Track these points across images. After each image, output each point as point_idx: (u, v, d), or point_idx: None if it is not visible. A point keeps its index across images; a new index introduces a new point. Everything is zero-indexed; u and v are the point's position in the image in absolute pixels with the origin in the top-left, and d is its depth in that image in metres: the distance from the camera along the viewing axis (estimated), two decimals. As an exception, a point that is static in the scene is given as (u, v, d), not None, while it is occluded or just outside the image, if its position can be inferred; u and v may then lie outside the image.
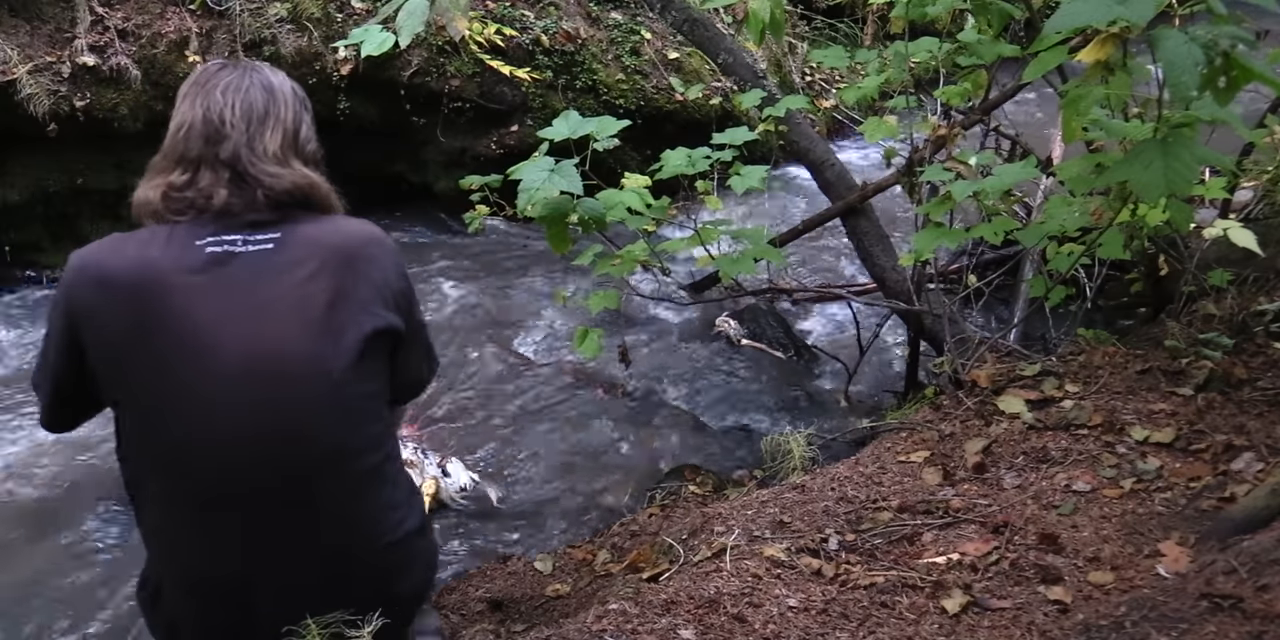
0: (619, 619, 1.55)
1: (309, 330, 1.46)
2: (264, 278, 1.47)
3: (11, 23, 3.61)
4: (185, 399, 1.45)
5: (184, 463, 1.47)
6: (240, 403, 1.45)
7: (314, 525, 1.51)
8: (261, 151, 1.53)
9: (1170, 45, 1.54)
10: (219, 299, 1.45)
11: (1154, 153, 1.73)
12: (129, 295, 1.46)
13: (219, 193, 1.50)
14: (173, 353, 1.44)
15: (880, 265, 2.82)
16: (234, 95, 1.54)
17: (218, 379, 1.44)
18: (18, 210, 3.78)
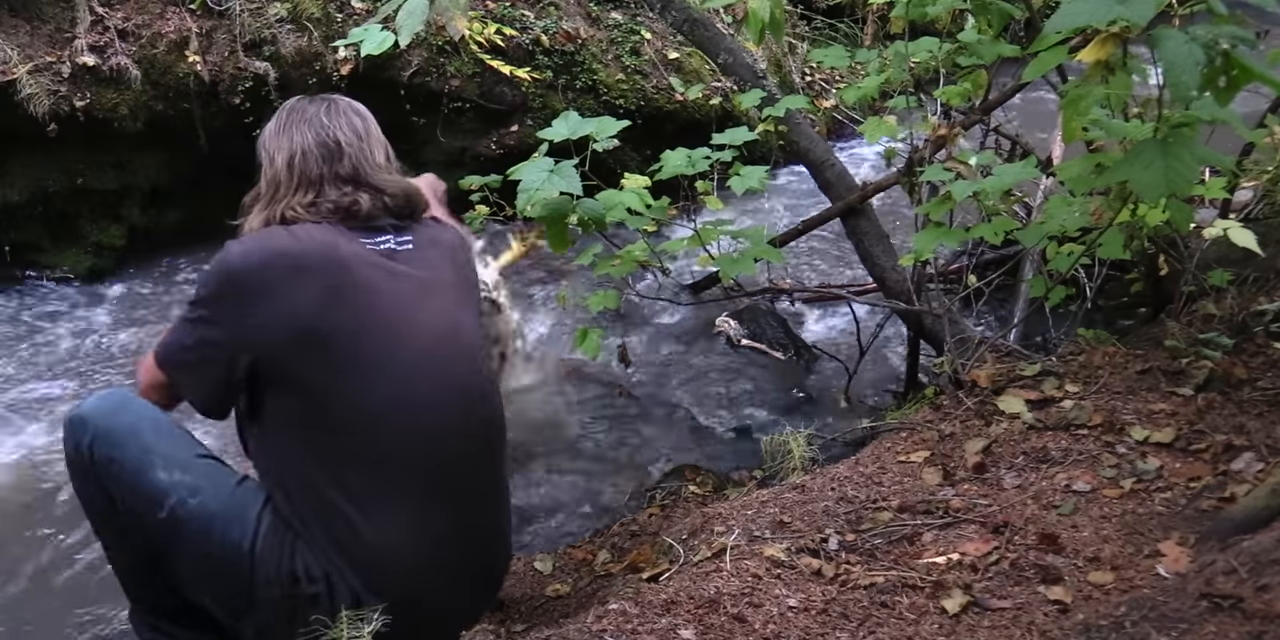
0: (619, 619, 1.55)
1: (465, 310, 1.72)
2: (419, 269, 1.67)
3: (11, 23, 3.61)
4: (386, 365, 1.58)
5: (388, 427, 1.58)
6: (435, 369, 1.62)
7: (495, 497, 1.73)
8: (375, 163, 1.73)
9: (1171, 45, 1.54)
10: (395, 282, 1.63)
11: (1154, 153, 1.73)
12: (321, 275, 1.58)
13: (362, 198, 1.67)
14: (365, 323, 1.58)
15: (880, 265, 2.82)
16: (337, 119, 1.73)
17: (413, 348, 1.60)
18: (18, 210, 3.77)
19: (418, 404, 1.59)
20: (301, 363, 1.55)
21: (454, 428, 1.62)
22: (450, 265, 1.74)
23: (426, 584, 1.63)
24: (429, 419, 1.60)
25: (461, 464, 1.64)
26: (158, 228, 4.14)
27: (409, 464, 1.59)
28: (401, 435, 1.58)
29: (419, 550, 1.61)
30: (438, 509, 1.62)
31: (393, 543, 1.59)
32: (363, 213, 1.65)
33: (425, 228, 1.76)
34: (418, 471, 1.60)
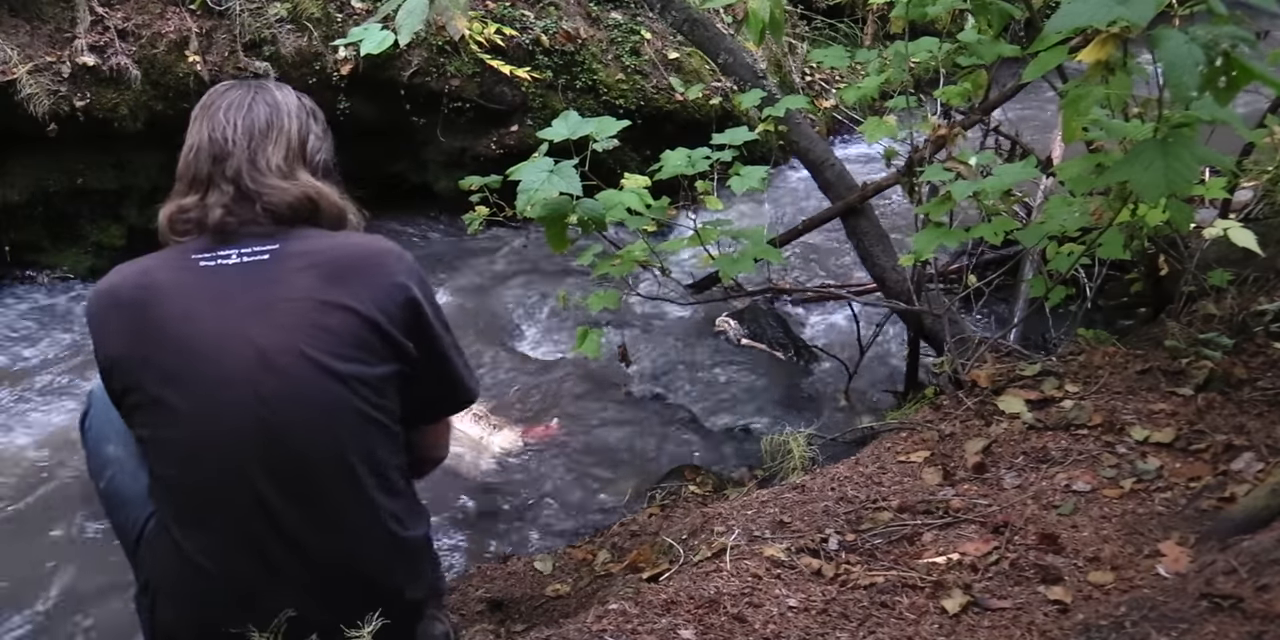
0: (619, 619, 1.55)
1: (301, 334, 1.47)
2: (256, 285, 1.50)
3: (11, 23, 3.61)
4: (186, 399, 1.48)
5: (187, 461, 1.49)
6: (238, 399, 1.46)
7: (312, 526, 1.51)
8: (264, 166, 1.55)
9: (1171, 45, 1.54)
10: (211, 306, 1.49)
11: (1154, 153, 1.73)
12: (130, 309, 1.51)
13: (215, 212, 1.52)
14: (170, 358, 1.48)
15: (880, 265, 2.82)
16: (236, 113, 1.57)
17: (214, 378, 1.47)
18: (18, 210, 3.77)
19: (217, 436, 1.47)
20: (121, 394, 1.54)
21: (260, 458, 1.47)
22: (317, 278, 1.50)
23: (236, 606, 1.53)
24: (229, 450, 1.47)
25: (275, 495, 1.48)
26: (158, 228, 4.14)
27: (207, 500, 1.50)
28: (203, 465, 1.49)
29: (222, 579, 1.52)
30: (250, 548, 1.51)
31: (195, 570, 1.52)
32: (212, 226, 1.54)
33: (310, 239, 1.56)
34: (221, 503, 1.50)
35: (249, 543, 1.50)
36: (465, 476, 2.85)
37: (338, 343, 1.48)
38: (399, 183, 4.57)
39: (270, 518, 1.49)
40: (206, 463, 1.48)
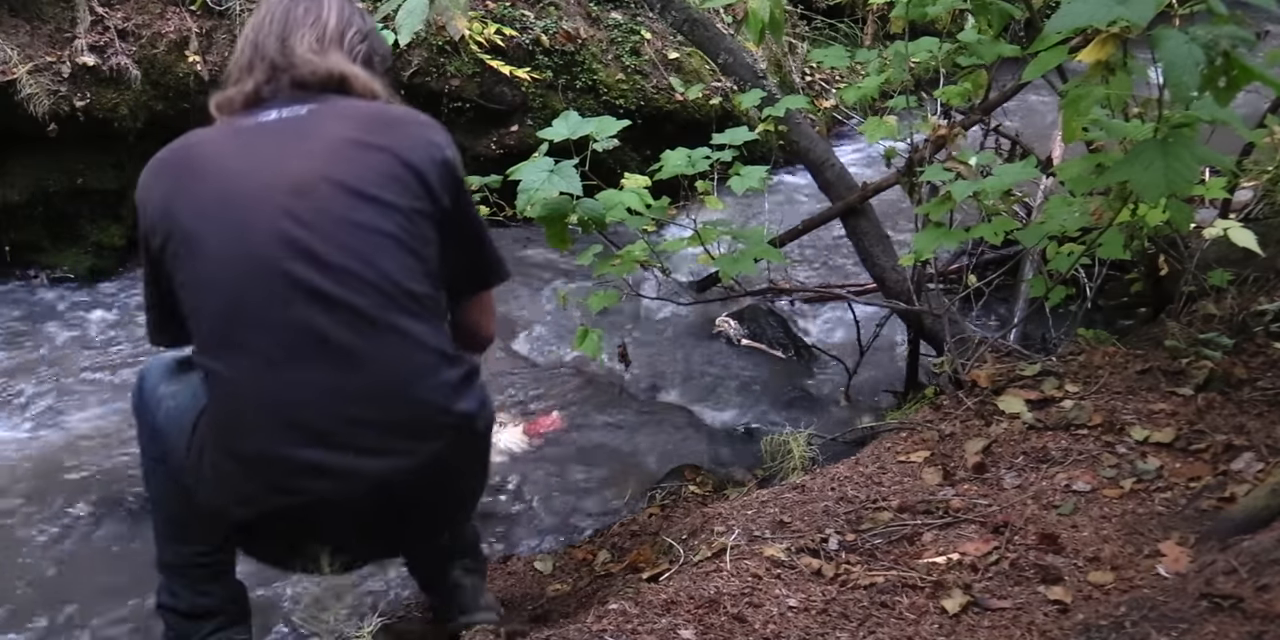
0: (619, 619, 1.55)
1: (335, 163, 1.51)
2: (292, 132, 1.55)
3: (11, 23, 3.61)
4: (218, 224, 1.49)
5: (221, 283, 1.49)
6: (268, 217, 1.48)
7: (353, 334, 1.48)
8: (295, 44, 1.60)
9: (1171, 45, 1.54)
10: (247, 149, 1.54)
11: (1154, 153, 1.73)
12: (171, 164, 1.57)
13: (249, 85, 1.59)
14: (205, 192, 1.51)
15: (880, 265, 2.82)
16: (277, 8, 1.63)
17: (245, 202, 1.49)
18: (18, 210, 3.77)
19: (247, 252, 1.47)
20: (160, 249, 1.53)
21: (290, 274, 1.46)
22: (354, 127, 1.53)
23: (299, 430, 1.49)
24: (261, 264, 1.47)
25: (312, 308, 1.47)
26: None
27: (249, 314, 1.49)
28: (237, 284, 1.48)
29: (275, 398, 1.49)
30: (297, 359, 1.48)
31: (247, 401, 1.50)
32: (247, 95, 1.59)
33: (347, 102, 1.59)
34: (260, 320, 1.49)
35: (294, 354, 1.47)
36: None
37: (372, 174, 1.51)
38: (399, 183, 4.57)
39: (310, 329, 1.47)
40: (240, 281, 1.48)
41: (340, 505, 1.52)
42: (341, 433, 1.49)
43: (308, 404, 1.48)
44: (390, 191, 1.51)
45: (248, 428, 1.50)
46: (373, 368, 1.49)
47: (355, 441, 1.49)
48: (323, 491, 1.50)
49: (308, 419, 1.48)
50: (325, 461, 1.48)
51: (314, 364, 1.48)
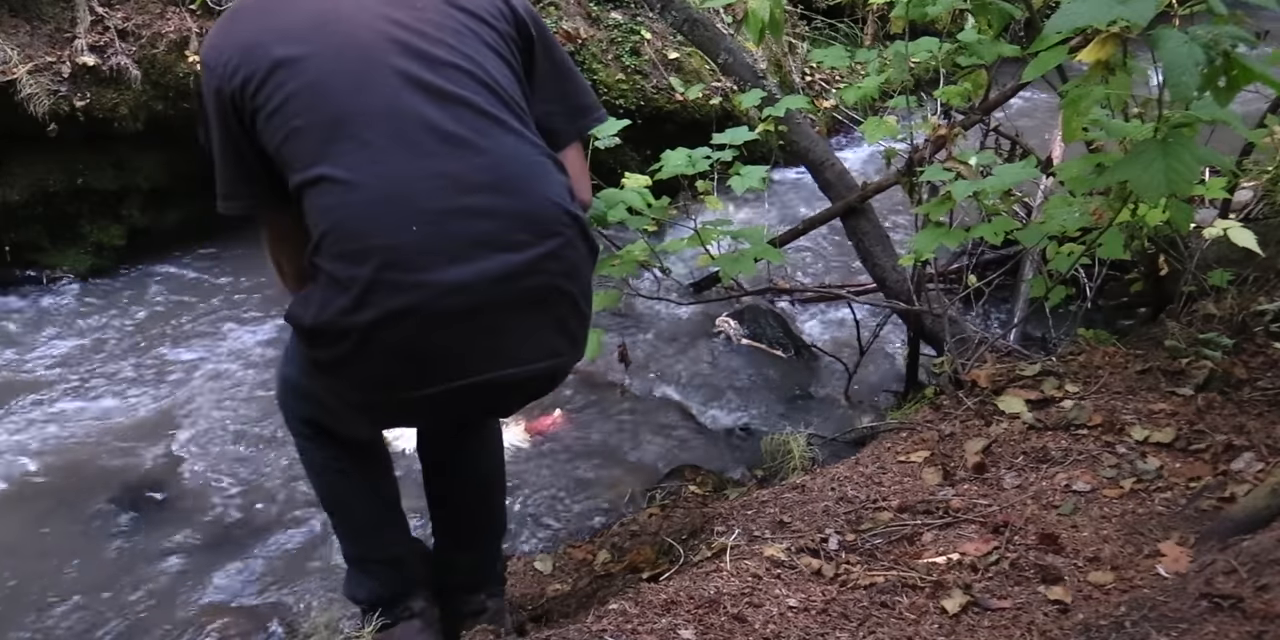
0: (619, 619, 1.55)
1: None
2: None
3: (11, 23, 3.61)
4: (316, 38, 1.48)
5: (324, 91, 1.46)
6: (368, 22, 1.48)
7: (464, 128, 1.48)
8: None
9: (1171, 45, 1.54)
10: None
11: (1154, 153, 1.73)
12: (250, 12, 1.54)
13: None
14: (295, 22, 1.49)
15: (880, 265, 2.82)
16: None
17: (341, 17, 1.49)
18: (18, 210, 3.78)
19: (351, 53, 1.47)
20: (250, 93, 1.48)
21: (396, 67, 1.46)
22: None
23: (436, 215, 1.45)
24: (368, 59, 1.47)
25: (422, 101, 1.46)
26: (158, 228, 4.14)
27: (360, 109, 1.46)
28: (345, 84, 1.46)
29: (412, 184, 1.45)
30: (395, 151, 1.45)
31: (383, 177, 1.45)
32: None
33: None
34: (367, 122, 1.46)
35: (412, 145, 1.45)
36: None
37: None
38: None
39: (426, 121, 1.45)
40: (347, 83, 1.45)
41: (467, 305, 1.45)
42: (464, 222, 1.45)
43: (430, 192, 1.44)
44: (485, 12, 1.55)
45: (370, 223, 1.43)
46: (492, 157, 1.47)
47: (476, 231, 1.45)
48: (449, 282, 1.43)
49: (430, 207, 1.44)
50: (450, 249, 1.44)
51: (432, 153, 1.45)
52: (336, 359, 1.51)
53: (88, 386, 3.26)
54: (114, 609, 2.36)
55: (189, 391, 3.24)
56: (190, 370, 3.38)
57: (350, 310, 1.45)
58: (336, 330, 1.47)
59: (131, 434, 3.03)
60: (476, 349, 1.50)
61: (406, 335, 1.45)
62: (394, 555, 1.85)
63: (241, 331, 3.63)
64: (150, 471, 2.87)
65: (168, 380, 3.31)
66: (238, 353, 3.49)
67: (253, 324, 3.69)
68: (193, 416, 3.12)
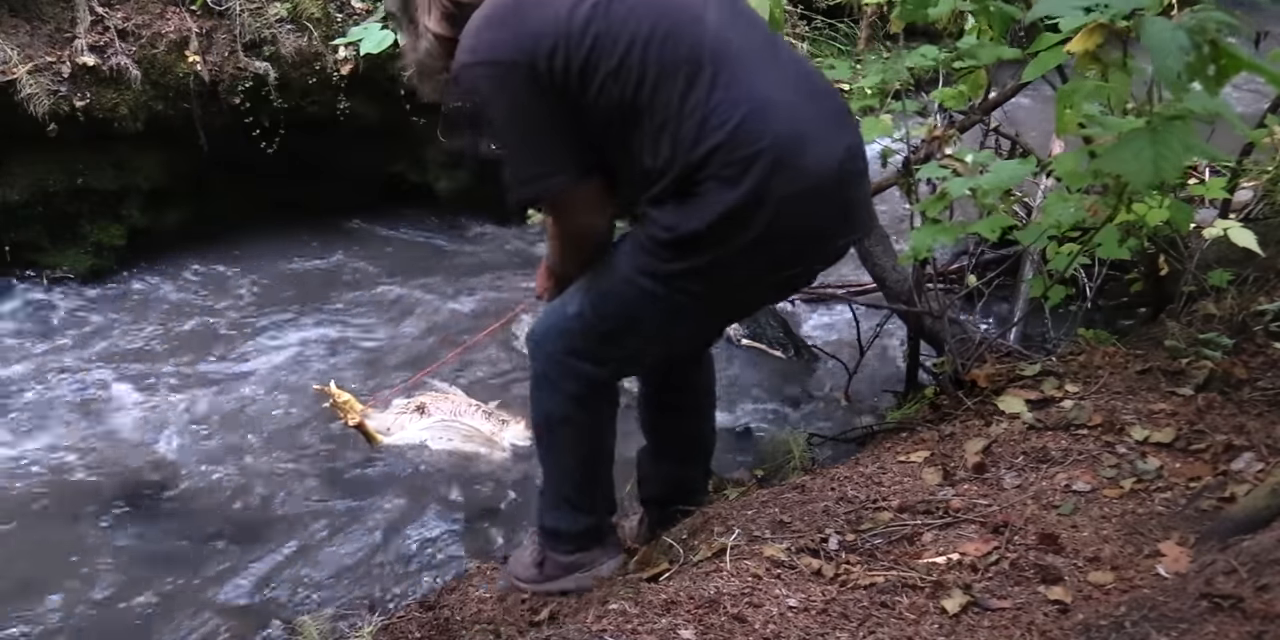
0: (619, 619, 1.55)
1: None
2: None
3: (11, 23, 3.61)
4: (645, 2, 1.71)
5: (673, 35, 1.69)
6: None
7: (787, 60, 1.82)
8: None
9: (1155, 31, 1.55)
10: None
11: (1144, 142, 1.73)
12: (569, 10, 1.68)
13: None
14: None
15: (880, 265, 2.82)
16: None
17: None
18: (18, 210, 3.77)
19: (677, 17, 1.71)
20: (574, 69, 1.66)
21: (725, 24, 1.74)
22: None
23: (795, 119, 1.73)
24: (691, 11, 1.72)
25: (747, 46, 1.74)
26: (158, 228, 4.15)
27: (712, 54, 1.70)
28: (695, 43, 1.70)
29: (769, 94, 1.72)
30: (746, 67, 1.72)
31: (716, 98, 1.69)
32: None
33: None
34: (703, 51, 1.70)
35: (765, 62, 1.75)
36: (475, 473, 2.85)
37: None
38: (399, 183, 4.57)
39: (764, 49, 1.77)
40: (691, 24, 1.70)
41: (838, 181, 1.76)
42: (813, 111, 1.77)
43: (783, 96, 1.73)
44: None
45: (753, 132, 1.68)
46: (797, 68, 1.83)
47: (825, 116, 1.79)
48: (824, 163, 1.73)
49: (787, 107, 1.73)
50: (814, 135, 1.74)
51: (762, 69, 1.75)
52: (736, 248, 1.74)
53: (87, 386, 3.26)
54: (113, 609, 2.36)
55: (189, 391, 3.24)
56: (190, 370, 3.38)
57: (752, 202, 1.70)
58: (740, 219, 1.71)
59: (131, 434, 3.03)
60: (849, 213, 1.86)
61: (801, 211, 1.74)
62: (610, 496, 2.17)
63: (241, 331, 3.64)
64: (149, 472, 2.87)
65: (168, 380, 3.31)
66: (238, 352, 3.50)
67: (253, 323, 3.69)
68: (192, 416, 3.12)
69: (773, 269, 1.83)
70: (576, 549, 2.13)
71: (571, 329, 1.94)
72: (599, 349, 1.94)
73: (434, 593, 2.28)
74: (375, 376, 3.36)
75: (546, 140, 1.74)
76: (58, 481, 2.81)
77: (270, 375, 3.36)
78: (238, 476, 2.84)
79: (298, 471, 2.87)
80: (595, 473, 2.12)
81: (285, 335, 3.60)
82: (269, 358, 3.46)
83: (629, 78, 1.67)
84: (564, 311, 1.95)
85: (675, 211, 1.73)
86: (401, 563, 2.52)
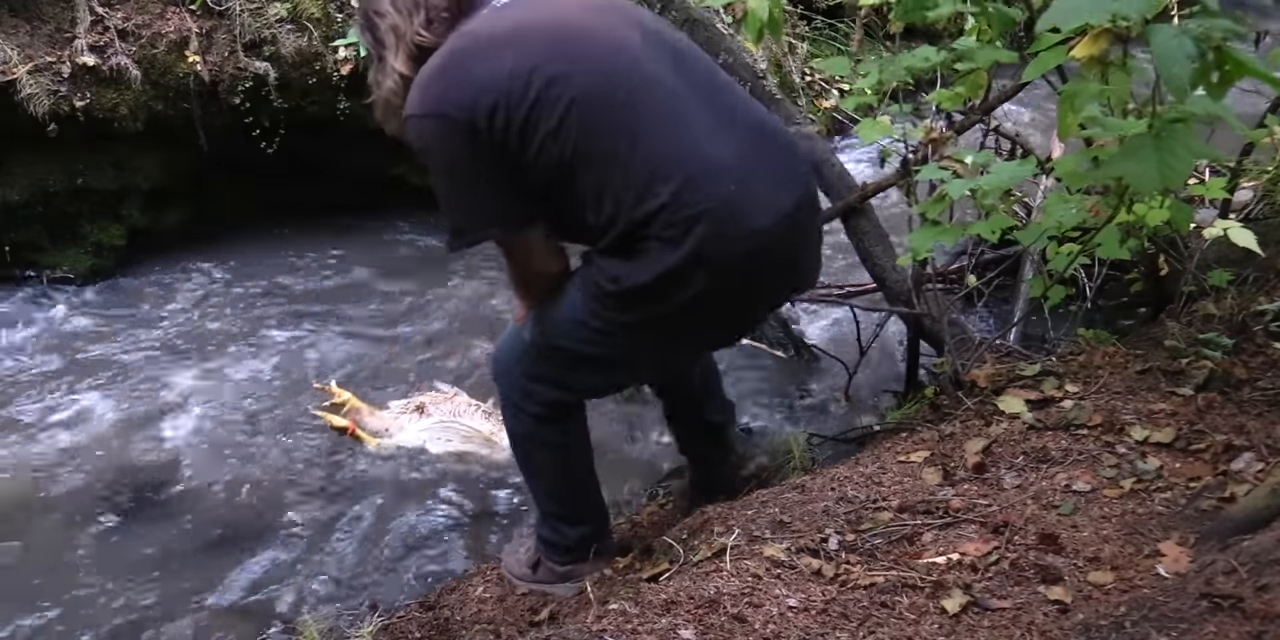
0: (619, 619, 1.55)
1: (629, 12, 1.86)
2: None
3: (11, 23, 3.61)
4: (585, 53, 1.73)
5: (618, 94, 1.70)
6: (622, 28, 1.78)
7: (738, 102, 1.85)
8: None
9: (1162, 38, 1.54)
10: (551, 11, 1.78)
11: (1149, 147, 1.73)
12: (498, 41, 1.72)
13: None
14: (552, 42, 1.72)
15: (880, 265, 2.81)
16: None
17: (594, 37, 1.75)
18: (18, 210, 3.77)
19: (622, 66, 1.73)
20: (520, 112, 1.68)
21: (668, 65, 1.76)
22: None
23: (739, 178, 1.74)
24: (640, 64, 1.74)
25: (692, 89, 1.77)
26: (158, 228, 4.15)
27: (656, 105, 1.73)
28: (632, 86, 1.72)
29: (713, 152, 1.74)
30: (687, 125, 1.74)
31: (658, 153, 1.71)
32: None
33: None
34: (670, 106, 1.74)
35: (708, 116, 1.76)
36: (474, 473, 2.85)
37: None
38: (400, 185, 4.57)
39: (708, 101, 1.77)
40: (632, 82, 1.72)
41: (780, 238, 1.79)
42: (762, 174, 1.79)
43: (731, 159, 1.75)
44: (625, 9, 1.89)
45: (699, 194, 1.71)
46: (745, 109, 1.85)
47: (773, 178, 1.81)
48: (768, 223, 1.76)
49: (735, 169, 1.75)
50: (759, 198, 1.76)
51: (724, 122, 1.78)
52: (678, 304, 1.77)
53: (87, 386, 3.26)
54: (113, 609, 2.36)
55: (189, 391, 3.24)
56: (190, 370, 3.38)
57: (692, 263, 1.72)
58: (681, 278, 1.73)
59: (131, 434, 3.03)
60: (794, 266, 1.93)
61: (744, 269, 1.77)
62: (600, 502, 2.19)
63: (241, 331, 3.64)
64: (149, 472, 2.87)
65: (167, 380, 3.31)
66: (238, 352, 3.50)
67: (253, 323, 3.69)
68: (192, 416, 3.12)
69: (717, 320, 1.88)
70: (570, 560, 2.15)
71: (529, 355, 1.98)
72: (557, 374, 1.98)
73: (434, 593, 2.28)
74: (375, 376, 3.36)
75: (483, 195, 1.76)
76: (57, 482, 2.81)
77: (270, 375, 3.36)
78: (238, 476, 2.84)
79: (298, 471, 2.87)
80: (575, 486, 2.15)
81: (285, 335, 3.61)
82: (269, 358, 3.46)
83: (568, 137, 1.68)
84: (520, 336, 1.99)
85: (621, 264, 1.76)
86: (401, 563, 2.52)
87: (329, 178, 4.38)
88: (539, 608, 2.11)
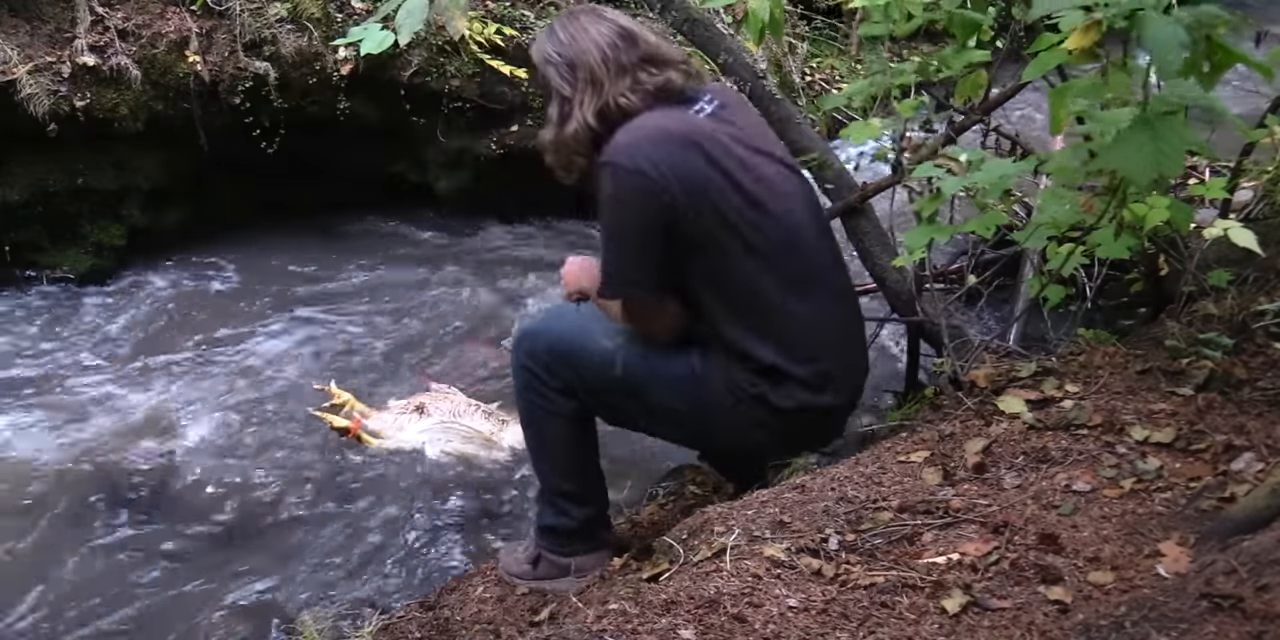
0: (619, 619, 1.55)
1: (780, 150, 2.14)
2: (739, 120, 2.05)
3: (11, 23, 3.61)
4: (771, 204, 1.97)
5: (784, 245, 1.96)
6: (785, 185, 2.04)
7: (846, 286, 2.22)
8: (660, 41, 2.02)
9: (1154, 26, 1.56)
10: (733, 139, 1.97)
11: (1144, 137, 1.73)
12: (697, 141, 1.92)
13: (672, 76, 1.97)
14: (735, 171, 1.93)
15: (880, 265, 2.81)
16: (610, 14, 2.01)
17: (770, 176, 1.99)
18: (18, 210, 3.78)
19: (791, 219, 1.99)
20: (705, 218, 1.89)
21: (811, 230, 2.05)
22: (749, 111, 2.18)
23: (843, 349, 2.11)
24: (795, 225, 2.00)
25: (822, 261, 2.07)
26: (158, 228, 4.15)
27: (806, 269, 2.02)
28: (796, 246, 2.00)
29: (828, 323, 2.06)
30: (816, 293, 2.04)
31: (810, 317, 2.01)
32: (676, 88, 1.96)
33: (712, 88, 2.07)
34: (801, 267, 2.01)
35: (827, 289, 2.08)
36: (474, 474, 2.86)
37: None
38: (399, 183, 4.57)
39: (826, 276, 2.09)
40: (798, 243, 2.00)
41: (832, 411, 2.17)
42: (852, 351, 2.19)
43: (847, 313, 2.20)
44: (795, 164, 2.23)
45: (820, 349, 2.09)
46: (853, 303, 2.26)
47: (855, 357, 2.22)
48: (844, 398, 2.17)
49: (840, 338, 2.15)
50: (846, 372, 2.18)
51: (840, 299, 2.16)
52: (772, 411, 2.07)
53: (87, 386, 3.26)
54: (113, 609, 2.36)
55: (189, 391, 3.25)
56: (190, 370, 3.38)
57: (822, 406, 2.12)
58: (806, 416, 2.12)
59: (131, 434, 3.03)
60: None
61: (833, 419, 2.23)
62: (603, 487, 2.24)
63: (241, 331, 3.64)
64: (149, 472, 2.87)
65: (167, 380, 3.31)
66: (237, 352, 3.50)
67: (252, 323, 3.69)
68: (192, 416, 3.12)
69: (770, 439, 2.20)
70: (572, 552, 2.16)
71: (595, 364, 2.04)
72: (609, 398, 2.09)
73: (434, 593, 2.28)
74: (375, 376, 3.36)
75: (647, 260, 1.93)
76: (57, 481, 2.81)
77: (270, 375, 3.36)
78: (238, 476, 2.84)
79: (298, 471, 2.87)
80: (586, 462, 2.20)
81: (285, 335, 3.61)
82: (268, 357, 3.46)
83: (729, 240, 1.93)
84: (596, 338, 2.06)
85: (761, 381, 2.04)
86: (401, 563, 2.52)
87: (329, 177, 4.38)
88: (539, 608, 2.11)
